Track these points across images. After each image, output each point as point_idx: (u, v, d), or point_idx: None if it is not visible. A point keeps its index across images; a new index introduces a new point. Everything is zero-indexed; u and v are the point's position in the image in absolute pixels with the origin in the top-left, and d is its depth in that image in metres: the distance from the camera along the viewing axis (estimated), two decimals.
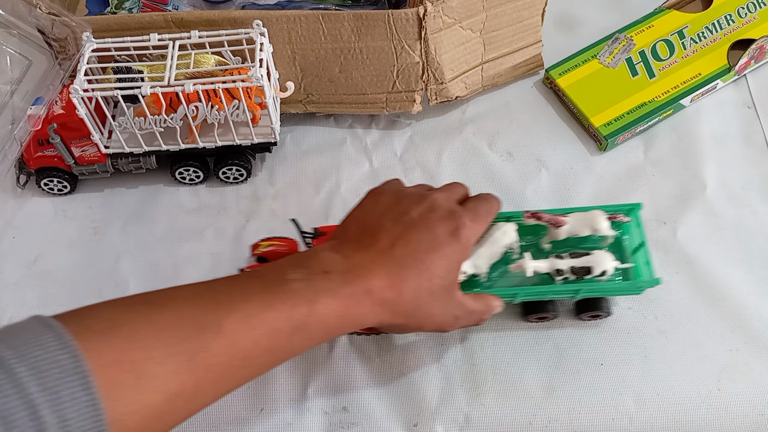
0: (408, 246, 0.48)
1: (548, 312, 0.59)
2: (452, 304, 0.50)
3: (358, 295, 0.46)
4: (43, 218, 0.69)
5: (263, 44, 0.62)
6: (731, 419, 0.56)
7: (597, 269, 0.55)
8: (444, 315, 0.50)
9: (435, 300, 0.49)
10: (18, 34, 0.68)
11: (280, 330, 0.43)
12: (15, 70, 0.68)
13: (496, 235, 0.55)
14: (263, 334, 0.42)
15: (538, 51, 0.74)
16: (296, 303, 0.43)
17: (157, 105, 0.61)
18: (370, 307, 0.46)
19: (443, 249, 0.49)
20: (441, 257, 0.49)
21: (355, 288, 0.46)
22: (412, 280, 0.47)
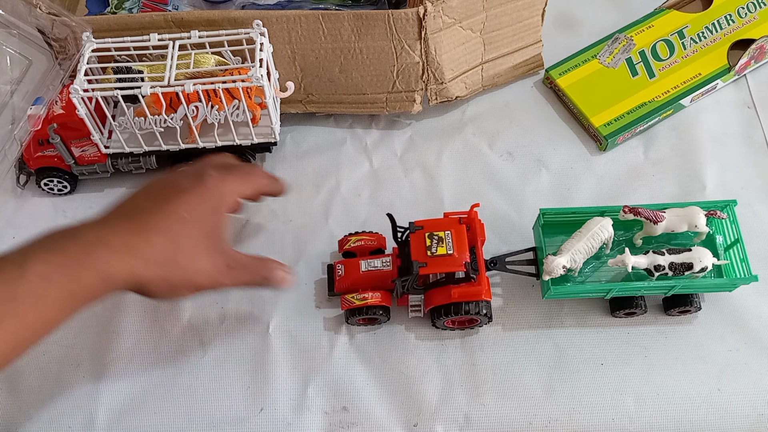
0: (150, 196, 0.48)
1: (638, 308, 0.58)
2: (219, 252, 0.49)
3: (86, 245, 0.43)
4: (43, 218, 0.69)
5: (263, 44, 0.62)
6: (731, 419, 0.56)
7: (698, 265, 0.55)
8: (212, 262, 0.48)
9: (194, 244, 0.47)
10: (18, 34, 0.68)
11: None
12: (15, 70, 0.68)
13: (594, 230, 0.55)
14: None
15: (538, 51, 0.74)
16: (3, 267, 0.41)
17: (157, 105, 0.61)
18: (109, 255, 0.43)
19: (188, 193, 0.48)
20: (187, 200, 0.48)
21: (82, 239, 0.44)
22: (161, 224, 0.46)
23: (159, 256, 0.45)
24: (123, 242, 0.44)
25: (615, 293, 0.57)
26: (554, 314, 0.61)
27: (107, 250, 0.43)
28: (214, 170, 0.51)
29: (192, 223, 0.47)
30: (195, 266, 0.47)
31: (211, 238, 0.48)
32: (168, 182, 0.50)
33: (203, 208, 0.49)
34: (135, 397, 0.59)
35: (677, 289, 0.57)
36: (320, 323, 0.62)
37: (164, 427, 0.58)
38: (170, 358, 0.61)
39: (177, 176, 0.51)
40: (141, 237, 0.45)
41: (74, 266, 0.42)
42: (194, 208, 0.48)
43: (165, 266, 0.46)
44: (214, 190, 0.50)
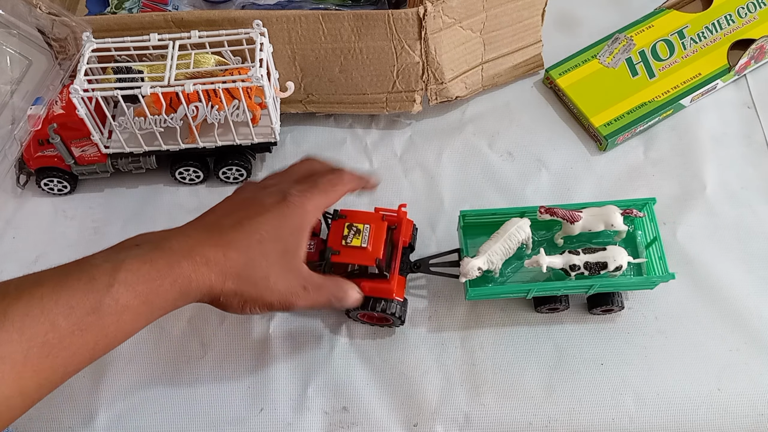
0: (233, 214, 0.49)
1: (560, 303, 0.59)
2: (294, 272, 0.49)
3: (171, 255, 0.44)
4: (43, 218, 0.69)
5: (263, 44, 0.62)
6: (731, 419, 0.56)
7: (612, 264, 0.55)
8: (286, 283, 0.49)
9: (270, 263, 0.48)
10: (18, 34, 0.68)
11: (78, 307, 0.40)
12: (15, 70, 0.68)
13: (511, 231, 0.56)
14: (60, 314, 0.39)
15: (538, 51, 0.74)
16: (94, 276, 0.41)
17: (157, 105, 0.61)
18: (190, 268, 0.44)
19: (271, 211, 0.49)
20: (268, 219, 0.48)
21: (168, 250, 0.44)
22: (239, 241, 0.47)
23: (235, 272, 0.46)
24: (204, 256, 0.45)
25: (535, 293, 0.58)
26: (483, 314, 0.61)
27: (190, 264, 0.44)
28: (299, 187, 0.51)
29: (270, 243, 0.48)
30: (268, 285, 0.48)
31: (287, 258, 0.49)
32: (252, 199, 0.51)
33: (283, 229, 0.49)
34: (135, 397, 0.59)
35: (596, 288, 0.57)
36: (320, 323, 0.62)
37: (164, 427, 0.58)
38: (170, 358, 0.61)
39: (261, 192, 0.51)
40: (220, 252, 0.46)
41: (159, 279, 0.43)
42: (274, 228, 0.48)
43: (239, 282, 0.47)
44: (297, 210, 0.50)
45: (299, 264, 0.50)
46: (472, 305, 0.62)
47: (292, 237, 0.49)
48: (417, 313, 0.62)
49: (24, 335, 0.38)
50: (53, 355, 0.39)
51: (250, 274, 0.47)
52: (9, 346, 0.37)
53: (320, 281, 0.51)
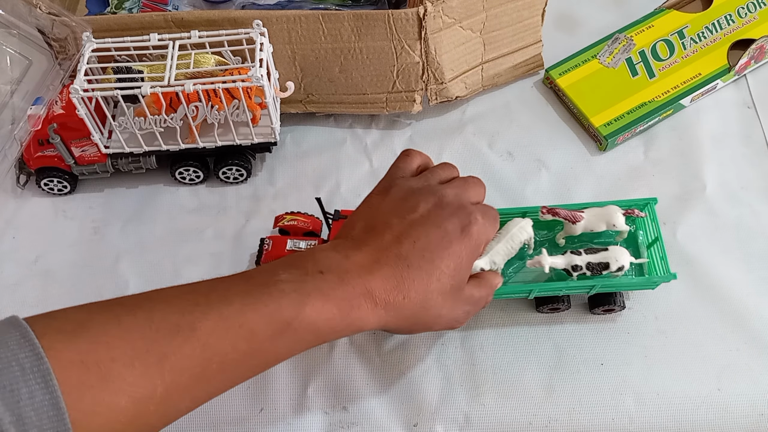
0: (416, 243, 0.46)
1: (561, 303, 0.59)
2: (461, 301, 0.48)
3: (355, 297, 0.43)
4: (43, 218, 0.69)
5: (263, 44, 0.62)
6: (731, 419, 0.56)
7: (614, 265, 0.55)
8: (454, 313, 0.48)
9: (445, 300, 0.46)
10: (18, 34, 0.68)
11: (260, 333, 0.41)
12: (15, 70, 0.68)
13: (513, 231, 0.55)
14: (242, 337, 0.40)
15: (538, 51, 0.74)
16: (282, 305, 0.41)
17: (157, 105, 0.61)
18: (370, 311, 0.44)
19: (453, 246, 0.46)
20: (451, 255, 0.46)
21: (352, 289, 0.43)
22: (420, 280, 0.45)
23: (410, 313, 0.45)
24: (385, 299, 0.44)
25: (536, 293, 0.58)
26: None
27: (370, 307, 0.44)
28: (480, 214, 0.48)
29: (448, 280, 0.46)
30: (438, 319, 0.47)
31: (458, 289, 0.47)
32: (438, 228, 0.47)
33: (464, 265, 0.47)
34: None
35: (598, 289, 0.57)
36: None
37: (164, 427, 0.58)
38: None
39: (446, 219, 0.47)
40: (400, 294, 0.44)
41: (339, 319, 0.43)
42: (457, 264, 0.46)
43: (412, 321, 0.46)
44: (477, 242, 0.48)
45: (465, 292, 0.48)
46: None
47: (466, 271, 0.48)
48: None
49: (206, 352, 0.39)
50: (228, 371, 0.41)
51: (425, 314, 0.46)
52: (191, 361, 0.39)
53: (479, 295, 0.49)
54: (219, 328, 0.40)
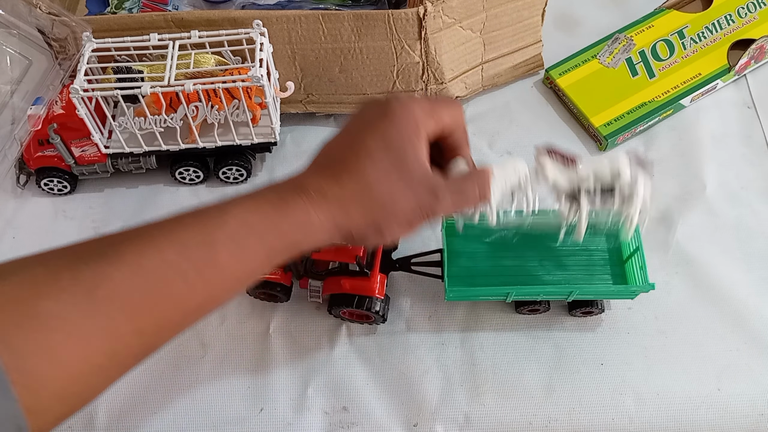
0: (341, 143, 0.46)
1: (540, 304, 0.59)
2: (418, 180, 0.44)
3: (286, 192, 0.42)
4: (43, 218, 0.69)
5: (263, 44, 0.62)
6: (731, 419, 0.56)
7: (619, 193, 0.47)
8: (412, 194, 0.43)
9: (390, 178, 0.43)
10: (18, 34, 0.68)
11: (190, 242, 0.38)
12: (15, 70, 0.68)
13: (509, 169, 0.48)
14: (174, 252, 0.38)
15: (538, 51, 0.74)
16: (210, 215, 0.40)
17: (157, 105, 0.61)
18: (308, 202, 0.41)
19: (372, 124, 0.44)
20: (372, 131, 0.44)
21: (281, 189, 0.42)
22: (351, 163, 0.43)
23: (354, 197, 0.42)
24: (317, 188, 0.42)
25: (513, 297, 0.58)
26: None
27: (304, 198, 0.41)
28: (406, 97, 0.46)
29: (381, 155, 0.43)
30: (394, 199, 0.43)
31: (404, 166, 0.43)
32: (354, 120, 0.46)
33: (391, 135, 0.43)
34: (135, 397, 0.59)
35: (576, 296, 0.57)
36: (320, 323, 0.62)
37: (164, 428, 0.58)
38: (170, 358, 0.61)
39: (363, 111, 0.47)
40: (332, 180, 0.42)
41: (276, 217, 0.41)
42: (381, 138, 0.43)
43: (365, 209, 0.43)
44: (402, 112, 0.44)
45: (421, 169, 0.44)
46: (472, 305, 0.62)
47: (404, 142, 0.44)
48: (417, 313, 0.62)
49: (137, 276, 0.36)
50: (171, 295, 0.38)
51: (372, 196, 0.43)
52: (124, 285, 0.36)
53: (442, 184, 0.44)
54: (147, 249, 0.37)
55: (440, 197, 0.44)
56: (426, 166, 0.44)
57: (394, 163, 0.43)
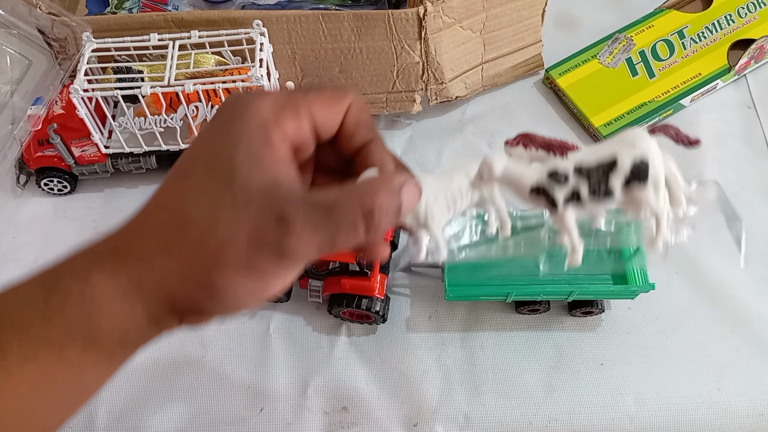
0: None
1: (540, 304, 0.59)
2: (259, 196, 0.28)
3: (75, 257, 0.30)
4: (43, 218, 0.69)
5: (263, 44, 0.62)
6: (731, 419, 0.56)
7: (625, 157, 0.31)
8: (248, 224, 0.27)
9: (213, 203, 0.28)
10: (18, 34, 0.68)
11: None
12: (15, 70, 0.68)
13: (459, 165, 0.33)
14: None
15: (538, 51, 0.74)
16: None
17: (157, 105, 0.61)
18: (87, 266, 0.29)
19: (199, 133, 0.31)
20: (196, 141, 0.30)
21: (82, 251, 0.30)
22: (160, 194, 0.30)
23: (162, 236, 0.28)
24: (112, 244, 0.30)
25: (513, 297, 0.58)
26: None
27: (89, 262, 0.29)
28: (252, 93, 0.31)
29: (201, 169, 0.29)
30: (214, 229, 0.27)
31: (232, 183, 0.28)
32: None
33: (219, 145, 0.29)
34: (135, 397, 0.59)
35: (576, 296, 0.57)
36: (320, 323, 0.62)
37: (164, 428, 0.58)
38: (170, 358, 0.61)
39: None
40: (134, 223, 0.30)
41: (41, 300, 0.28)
42: (206, 150, 0.29)
43: (173, 249, 0.28)
44: (238, 111, 0.29)
45: (259, 184, 0.28)
46: (472, 305, 0.62)
47: (235, 150, 0.28)
48: (417, 313, 0.62)
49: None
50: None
51: (187, 230, 0.28)
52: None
53: (319, 204, 0.28)
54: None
55: (292, 222, 0.27)
56: (271, 179, 0.28)
57: (219, 178, 0.28)
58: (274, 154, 0.29)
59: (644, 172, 0.31)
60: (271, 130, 0.29)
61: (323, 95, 0.31)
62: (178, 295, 0.28)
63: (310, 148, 0.31)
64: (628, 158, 0.30)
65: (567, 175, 0.31)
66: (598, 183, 0.31)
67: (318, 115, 0.31)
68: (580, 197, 0.31)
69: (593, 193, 0.31)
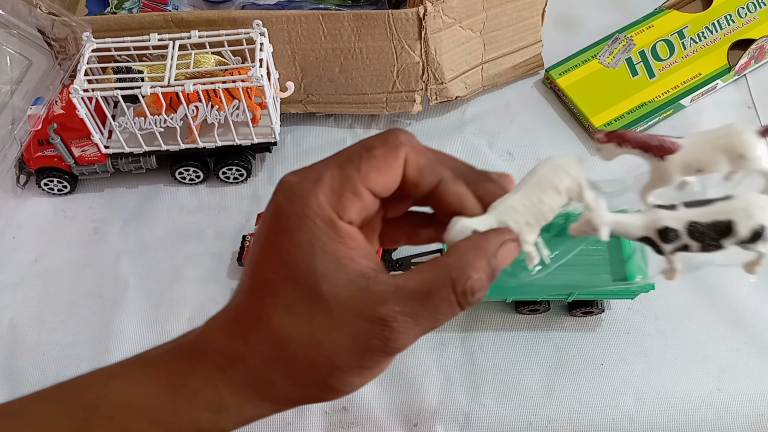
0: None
1: (540, 304, 0.59)
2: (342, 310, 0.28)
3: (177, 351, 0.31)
4: (43, 218, 0.69)
5: (263, 44, 0.62)
6: (731, 419, 0.56)
7: (745, 227, 0.29)
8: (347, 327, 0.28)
9: (303, 309, 0.29)
10: (18, 34, 0.68)
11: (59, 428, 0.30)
12: (15, 70, 0.68)
13: (543, 175, 0.31)
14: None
15: (538, 51, 0.74)
16: (85, 390, 0.32)
17: (157, 105, 0.61)
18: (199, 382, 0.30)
19: (260, 226, 0.31)
20: (259, 238, 0.30)
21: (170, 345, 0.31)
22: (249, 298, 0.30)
23: (268, 357, 0.29)
24: (220, 350, 0.30)
25: (513, 297, 0.57)
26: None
27: (206, 366, 0.30)
28: (301, 174, 0.30)
29: (285, 287, 0.29)
30: (321, 349, 0.28)
31: (319, 295, 0.28)
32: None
33: (289, 255, 0.29)
34: None
35: (576, 295, 0.57)
36: None
37: None
38: None
39: (265, 210, 0.31)
40: (238, 336, 0.30)
41: (169, 388, 0.30)
42: (279, 262, 0.29)
43: (286, 368, 0.29)
44: (294, 211, 0.29)
45: (345, 290, 0.28)
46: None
47: (308, 258, 0.28)
48: None
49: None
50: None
51: (291, 352, 0.29)
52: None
53: (411, 297, 0.28)
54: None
55: (391, 322, 0.28)
56: (357, 277, 0.28)
57: (308, 294, 0.28)
58: (350, 247, 0.29)
59: (762, 235, 0.30)
60: (338, 223, 0.29)
61: (376, 161, 0.29)
62: (300, 396, 0.31)
63: (376, 208, 0.31)
64: (747, 226, 0.29)
65: (677, 234, 0.31)
66: (710, 245, 0.30)
67: (377, 184, 0.30)
68: (688, 248, 0.31)
69: (703, 250, 0.31)
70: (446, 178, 0.31)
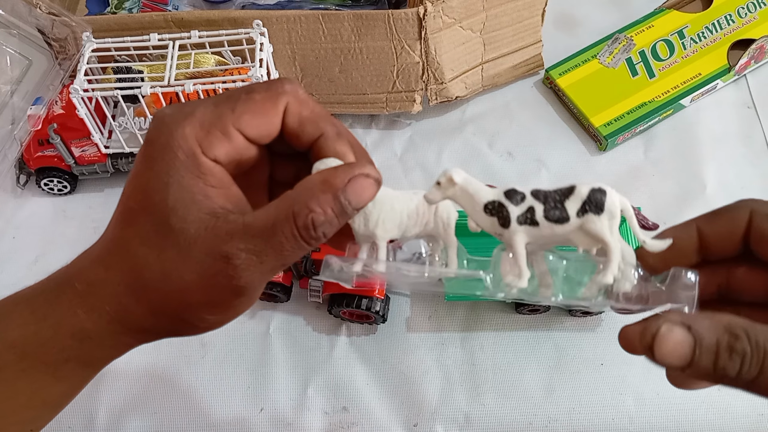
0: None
1: (539, 304, 0.59)
2: (200, 240, 0.28)
3: (53, 289, 0.32)
4: (43, 218, 0.69)
5: (263, 44, 0.62)
6: (731, 419, 0.56)
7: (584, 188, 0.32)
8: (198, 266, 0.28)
9: (159, 248, 0.29)
10: (18, 34, 0.68)
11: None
12: (15, 70, 0.68)
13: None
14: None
15: (538, 51, 0.74)
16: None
17: (157, 105, 0.61)
18: (74, 301, 0.31)
19: (132, 170, 0.31)
20: (129, 182, 0.31)
21: (51, 282, 0.33)
22: (116, 235, 0.31)
23: (124, 283, 0.30)
24: (83, 277, 0.31)
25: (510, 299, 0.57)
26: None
27: (73, 295, 0.31)
28: (174, 108, 0.30)
29: (143, 217, 0.29)
30: (169, 279, 0.29)
31: (169, 226, 0.28)
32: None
33: (149, 185, 0.29)
34: (135, 397, 0.59)
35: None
36: (320, 323, 0.62)
37: (164, 427, 0.58)
38: (170, 358, 0.61)
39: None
40: (99, 262, 0.31)
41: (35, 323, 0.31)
42: (140, 191, 0.30)
43: (138, 294, 0.30)
44: (161, 142, 0.29)
45: (194, 225, 0.28)
46: (472, 305, 0.62)
47: (164, 189, 0.29)
48: (417, 313, 0.62)
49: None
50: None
51: (144, 279, 0.29)
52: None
53: (255, 226, 0.28)
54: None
55: (234, 258, 0.28)
56: (208, 215, 0.28)
57: (159, 225, 0.29)
58: (208, 184, 0.29)
59: (601, 201, 0.31)
60: (200, 158, 0.29)
61: (253, 104, 0.30)
62: (157, 328, 0.31)
63: (253, 155, 0.31)
64: (587, 187, 0.31)
65: (524, 195, 0.31)
66: (554, 206, 0.31)
67: (250, 127, 0.30)
68: (534, 220, 0.31)
69: (547, 217, 0.31)
70: (328, 133, 0.31)
